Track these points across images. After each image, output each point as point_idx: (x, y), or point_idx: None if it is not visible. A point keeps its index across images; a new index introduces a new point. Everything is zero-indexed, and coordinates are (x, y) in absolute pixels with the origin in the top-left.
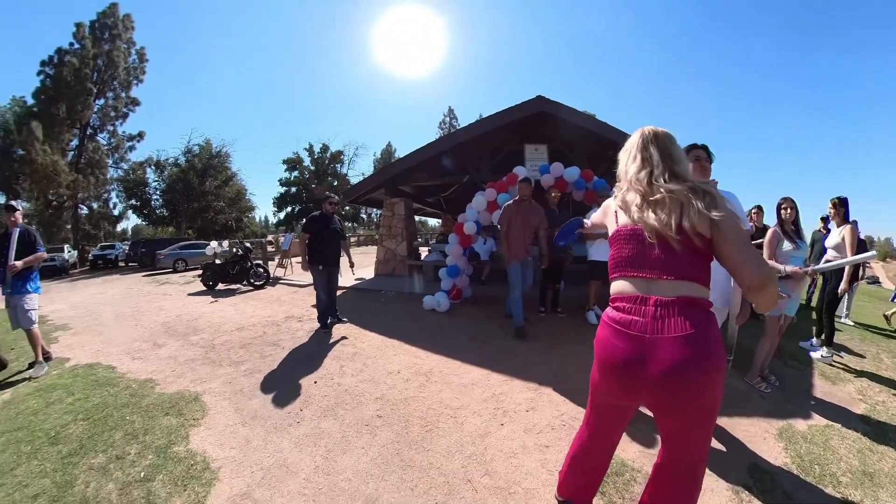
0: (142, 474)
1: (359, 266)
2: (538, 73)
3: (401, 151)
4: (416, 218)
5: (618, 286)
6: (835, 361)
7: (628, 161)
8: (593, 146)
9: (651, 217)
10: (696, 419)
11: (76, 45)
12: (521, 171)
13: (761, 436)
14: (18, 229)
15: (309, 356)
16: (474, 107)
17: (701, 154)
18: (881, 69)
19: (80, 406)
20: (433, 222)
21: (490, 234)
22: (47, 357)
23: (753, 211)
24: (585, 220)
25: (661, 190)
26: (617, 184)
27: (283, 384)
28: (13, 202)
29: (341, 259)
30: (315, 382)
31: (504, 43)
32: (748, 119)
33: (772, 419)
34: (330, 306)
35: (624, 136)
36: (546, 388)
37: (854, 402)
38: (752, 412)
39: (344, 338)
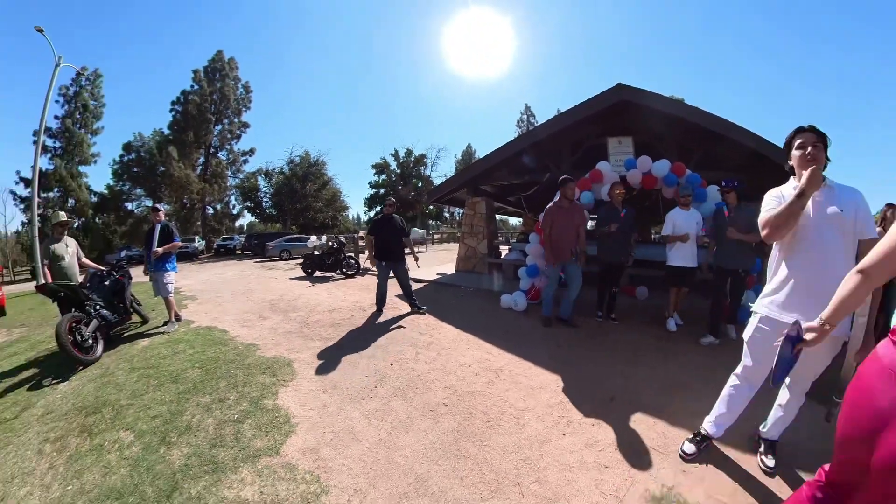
0: (235, 416)
1: (441, 262)
2: (616, 60)
3: (481, 152)
4: (498, 217)
5: None
6: None
7: None
8: (684, 135)
9: None
10: None
11: (195, 87)
12: (605, 166)
13: None
14: (160, 224)
15: (389, 340)
16: (551, 102)
17: (808, 139)
18: None
19: (197, 357)
20: (514, 221)
21: None
22: (178, 318)
23: (887, 211)
24: (806, 335)
25: None
26: None
27: (363, 362)
28: (157, 205)
29: (407, 255)
30: (391, 364)
31: (575, 32)
32: (882, 88)
33: None
34: (407, 296)
35: (719, 123)
36: (617, 404)
37: None
38: None
39: (421, 327)
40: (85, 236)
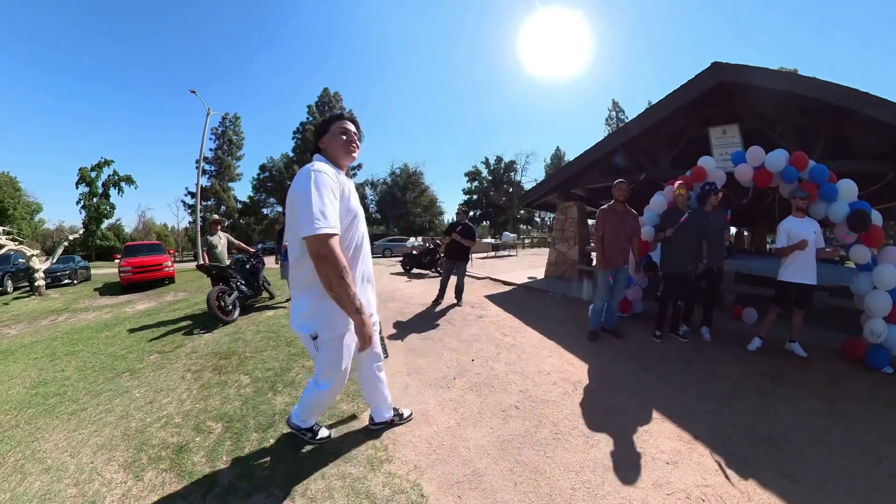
0: None
1: (530, 266)
2: (710, 35)
3: (570, 154)
4: (590, 221)
5: None
6: None
7: None
8: (803, 117)
9: None
10: None
11: (310, 118)
12: (709, 162)
13: None
14: None
15: (473, 338)
16: (640, 94)
17: None
18: None
19: None
20: None
21: None
22: None
23: None
24: None
25: None
26: None
27: (446, 354)
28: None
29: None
30: (472, 360)
31: (653, 13)
32: None
33: None
34: (458, 288)
35: (849, 95)
36: (701, 445)
37: None
38: None
39: (506, 329)
40: (231, 233)
